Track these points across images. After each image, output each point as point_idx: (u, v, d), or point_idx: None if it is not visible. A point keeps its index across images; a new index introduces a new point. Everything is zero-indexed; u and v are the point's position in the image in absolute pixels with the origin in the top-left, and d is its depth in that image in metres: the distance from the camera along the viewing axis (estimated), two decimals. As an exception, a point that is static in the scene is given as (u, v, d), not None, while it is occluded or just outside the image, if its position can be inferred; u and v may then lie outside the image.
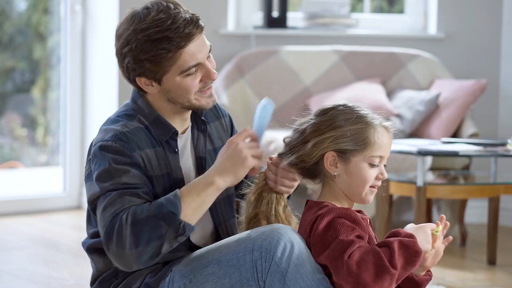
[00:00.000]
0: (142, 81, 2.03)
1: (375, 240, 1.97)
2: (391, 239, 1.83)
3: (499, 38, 4.74)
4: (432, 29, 4.80)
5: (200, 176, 1.98)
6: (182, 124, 2.10)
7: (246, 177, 2.04)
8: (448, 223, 1.97)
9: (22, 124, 5.27)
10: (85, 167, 2.05)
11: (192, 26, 1.99)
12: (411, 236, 1.84)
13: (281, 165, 1.98)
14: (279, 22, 4.75)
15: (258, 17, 4.89)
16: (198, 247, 2.06)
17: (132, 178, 1.94)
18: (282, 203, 2.02)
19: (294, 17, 4.89)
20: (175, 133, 2.06)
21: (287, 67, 4.60)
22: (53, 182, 5.03)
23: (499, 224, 4.33)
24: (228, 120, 2.26)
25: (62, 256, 3.77)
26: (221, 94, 4.48)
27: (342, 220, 1.86)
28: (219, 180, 1.95)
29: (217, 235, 2.14)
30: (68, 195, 4.93)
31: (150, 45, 1.96)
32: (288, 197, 2.09)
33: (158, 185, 2.01)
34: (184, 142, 2.11)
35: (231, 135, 2.25)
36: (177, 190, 1.93)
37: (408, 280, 1.91)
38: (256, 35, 4.76)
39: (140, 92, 2.08)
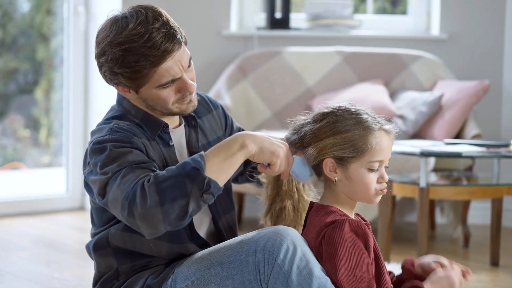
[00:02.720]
0: (120, 88, 2.03)
1: (377, 245, 1.96)
2: None
3: (502, 39, 4.74)
4: (435, 30, 4.80)
5: (231, 137, 1.92)
6: (171, 122, 2.11)
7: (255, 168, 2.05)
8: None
9: (25, 125, 5.28)
10: (84, 169, 2.02)
11: (169, 43, 1.94)
12: None
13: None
14: (282, 23, 4.75)
15: (261, 18, 4.89)
16: (202, 239, 2.06)
17: (137, 156, 1.92)
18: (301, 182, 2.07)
19: (297, 18, 4.89)
20: (166, 126, 2.07)
21: (290, 68, 4.60)
22: (56, 183, 5.04)
23: (502, 225, 4.33)
24: (221, 111, 2.26)
25: (65, 257, 3.77)
26: (223, 95, 4.48)
27: (354, 238, 1.86)
28: (252, 146, 1.91)
29: (216, 229, 2.14)
30: (71, 196, 4.94)
31: (124, 60, 1.94)
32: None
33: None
34: (179, 137, 2.12)
35: (226, 124, 2.26)
36: (202, 152, 1.89)
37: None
38: (259, 36, 4.77)
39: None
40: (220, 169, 1.87)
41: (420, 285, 1.87)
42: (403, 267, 2.02)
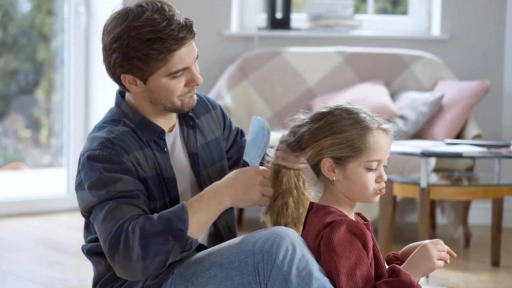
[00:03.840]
0: (126, 79, 2.02)
1: (377, 246, 1.95)
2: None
3: (503, 39, 4.74)
4: (436, 30, 4.80)
5: (209, 191, 1.98)
6: (167, 123, 2.11)
7: None
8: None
9: (26, 125, 5.28)
10: (76, 176, 2.05)
11: (186, 31, 1.98)
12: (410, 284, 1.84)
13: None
14: (282, 23, 4.76)
15: (261, 19, 4.89)
16: (200, 244, 2.06)
17: (126, 185, 1.94)
18: (301, 179, 2.08)
19: (298, 19, 4.89)
20: (162, 132, 2.07)
21: (290, 68, 4.60)
22: (57, 183, 5.04)
23: (503, 225, 4.33)
24: (219, 111, 2.26)
25: (66, 257, 3.77)
26: (224, 96, 4.48)
27: (352, 239, 1.86)
28: (228, 202, 1.98)
29: (216, 230, 2.14)
30: (72, 196, 4.93)
31: (142, 44, 1.95)
32: None
33: (151, 186, 2.01)
34: (173, 140, 2.12)
35: (224, 124, 2.26)
36: (184, 204, 1.94)
37: None
38: (260, 36, 4.77)
39: (123, 90, 2.09)
40: (200, 226, 1.95)
41: (395, 267, 1.86)
42: (388, 262, 2.02)
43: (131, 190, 1.94)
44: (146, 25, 1.95)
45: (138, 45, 1.95)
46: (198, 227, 1.94)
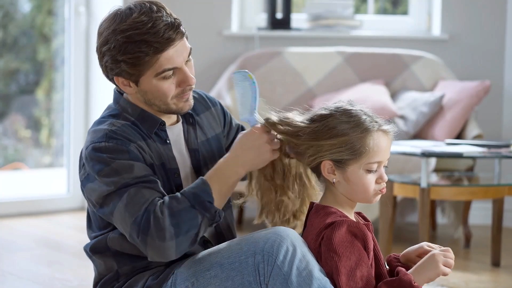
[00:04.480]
0: (120, 81, 2.03)
1: (378, 246, 1.95)
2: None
3: (503, 39, 4.74)
4: (436, 30, 4.80)
5: (225, 161, 2.00)
6: (167, 118, 2.10)
7: None
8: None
9: (26, 125, 5.28)
10: (79, 172, 2.03)
11: (172, 32, 1.97)
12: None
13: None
14: (283, 24, 4.75)
15: (262, 19, 4.89)
16: (203, 237, 2.07)
17: (139, 171, 1.94)
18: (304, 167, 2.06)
19: (298, 19, 4.89)
20: (162, 123, 2.07)
21: (291, 68, 4.60)
22: (57, 183, 5.04)
23: (503, 225, 4.33)
24: (220, 108, 2.26)
25: (66, 257, 3.77)
26: (224, 95, 4.48)
27: (353, 239, 1.86)
28: (243, 171, 2.00)
29: (216, 229, 2.14)
30: (72, 196, 4.94)
31: (128, 47, 1.95)
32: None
33: (157, 175, 2.01)
34: (178, 134, 2.12)
35: (225, 121, 2.26)
36: (203, 178, 1.97)
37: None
38: (260, 37, 4.77)
39: (120, 91, 2.08)
40: (222, 197, 1.97)
41: (398, 268, 1.86)
42: (389, 263, 2.02)
43: (146, 175, 1.95)
44: (132, 28, 1.95)
45: (124, 48, 1.95)
46: (220, 199, 1.96)
